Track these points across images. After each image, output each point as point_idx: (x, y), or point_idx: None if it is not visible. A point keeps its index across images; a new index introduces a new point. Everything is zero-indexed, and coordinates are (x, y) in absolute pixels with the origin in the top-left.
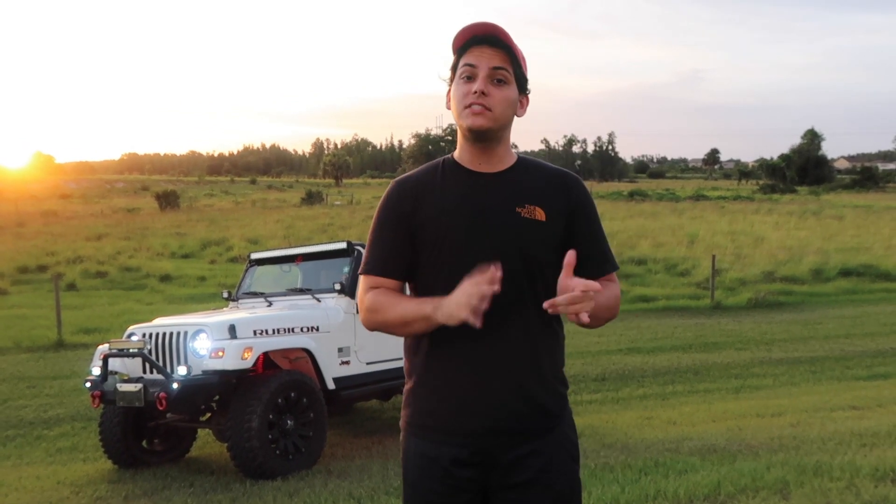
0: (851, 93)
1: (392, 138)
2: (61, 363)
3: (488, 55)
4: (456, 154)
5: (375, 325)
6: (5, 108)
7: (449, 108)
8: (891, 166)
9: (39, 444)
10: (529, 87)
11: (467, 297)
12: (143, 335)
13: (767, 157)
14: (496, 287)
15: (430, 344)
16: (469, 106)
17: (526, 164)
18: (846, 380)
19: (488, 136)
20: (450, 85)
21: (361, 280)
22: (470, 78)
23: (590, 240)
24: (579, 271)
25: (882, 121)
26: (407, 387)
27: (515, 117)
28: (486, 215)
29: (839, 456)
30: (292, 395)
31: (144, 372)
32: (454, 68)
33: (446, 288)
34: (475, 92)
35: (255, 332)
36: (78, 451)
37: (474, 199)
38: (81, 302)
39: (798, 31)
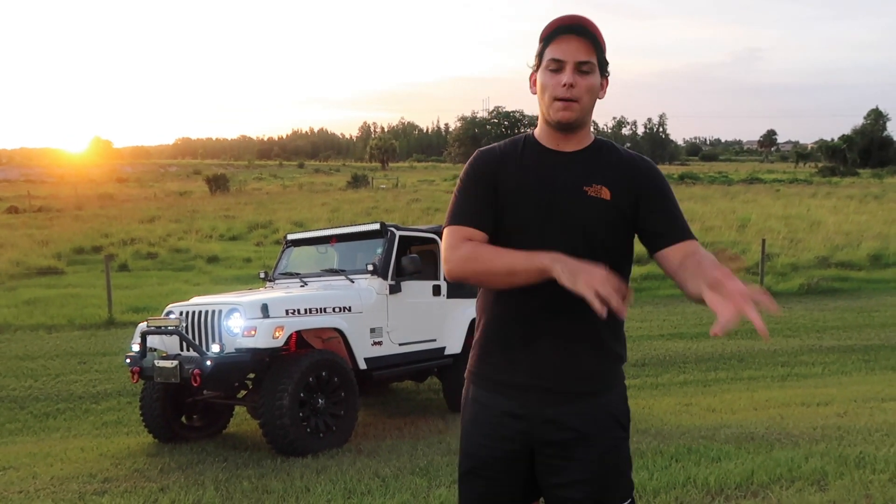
0: None
1: (438, 121)
2: (111, 340)
3: (574, 47)
4: (536, 132)
5: (470, 274)
6: (66, 95)
7: (533, 92)
8: None
9: (87, 418)
10: (609, 69)
11: (600, 280)
12: (180, 313)
13: (828, 138)
14: (615, 303)
15: (498, 303)
16: (557, 99)
17: (601, 145)
18: None
19: (574, 125)
20: (535, 70)
21: (449, 231)
22: (557, 71)
23: (660, 216)
24: (654, 245)
25: None
26: (475, 337)
27: (598, 100)
28: (555, 193)
29: (885, 448)
30: (324, 374)
31: (181, 349)
32: (540, 55)
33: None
34: (564, 85)
35: (287, 312)
36: (122, 425)
37: (547, 177)
38: (132, 282)
39: (861, 5)
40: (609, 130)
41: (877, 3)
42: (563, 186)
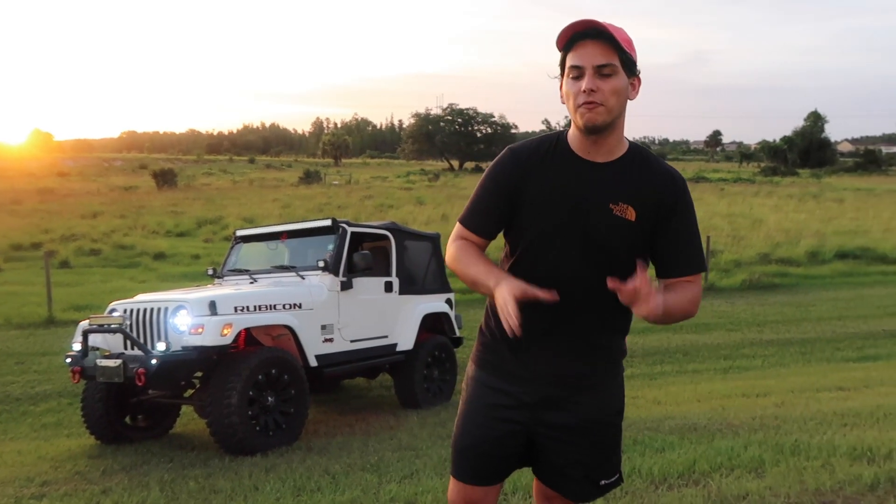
0: (856, 75)
1: (392, 118)
2: (51, 340)
3: (591, 52)
4: (570, 134)
5: (453, 270)
6: (5, 85)
7: (563, 102)
8: (894, 149)
9: (25, 420)
10: (639, 67)
11: (504, 303)
12: (124, 311)
13: (770, 139)
14: (515, 323)
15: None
16: (581, 105)
17: (634, 156)
18: (835, 361)
19: (602, 128)
20: (561, 80)
21: (457, 224)
22: (578, 77)
23: (674, 240)
24: (661, 269)
25: (887, 104)
26: (481, 323)
27: (629, 101)
28: (580, 207)
29: (818, 436)
30: (273, 371)
31: (125, 348)
32: (562, 64)
33: (527, 258)
34: (584, 91)
35: (235, 309)
36: (62, 427)
37: (574, 190)
38: (74, 279)
39: (805, 11)
40: (560, 128)
41: (819, 10)
42: (590, 202)
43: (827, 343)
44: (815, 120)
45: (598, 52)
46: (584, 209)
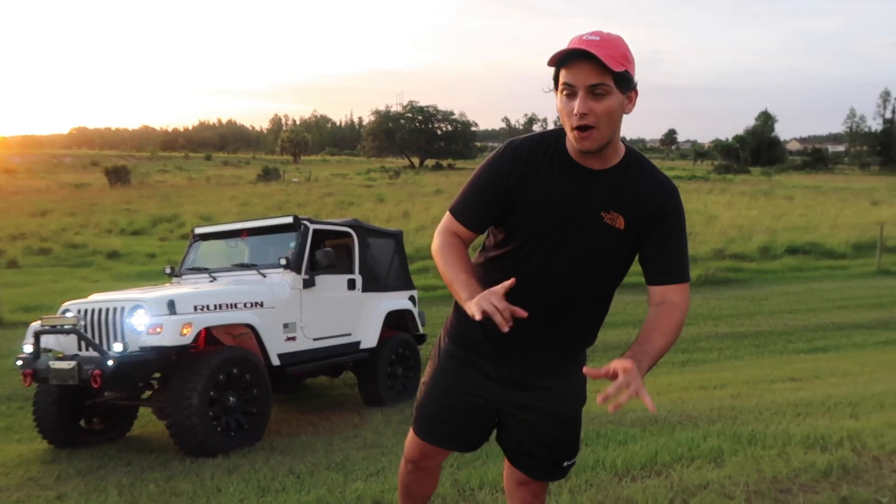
0: (804, 76)
1: (352, 115)
2: None
3: (584, 71)
4: (568, 139)
5: (435, 261)
6: None
7: (558, 116)
8: (840, 148)
9: None
10: (636, 80)
11: (480, 305)
12: (78, 311)
13: (723, 138)
14: (505, 327)
15: (485, 282)
16: (575, 128)
17: (630, 163)
18: (788, 353)
19: (597, 152)
20: (556, 95)
21: (447, 214)
22: (571, 95)
23: (663, 248)
24: (649, 276)
25: (833, 104)
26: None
27: (625, 115)
28: (573, 214)
29: (773, 425)
30: (235, 371)
31: (80, 349)
32: (555, 79)
33: (514, 257)
34: (577, 114)
35: (195, 308)
36: (13, 432)
37: (569, 196)
38: (23, 279)
39: (756, 14)
40: (521, 127)
41: (770, 12)
42: (583, 209)
43: (779, 336)
44: (766, 119)
45: (591, 72)
46: (577, 215)
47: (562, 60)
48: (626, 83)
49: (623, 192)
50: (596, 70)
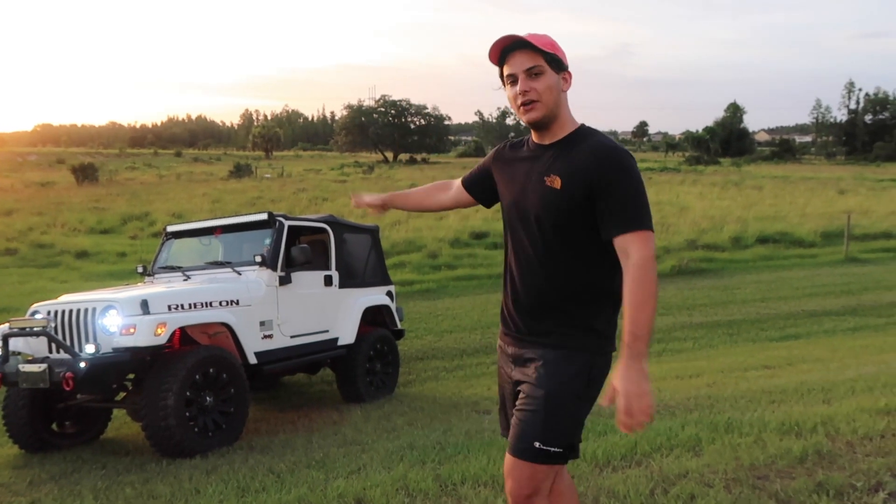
0: (771, 68)
1: (324, 109)
2: None
3: (520, 60)
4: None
5: None
6: None
7: (513, 108)
8: (807, 139)
9: None
10: (566, 63)
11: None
12: (48, 313)
13: (693, 129)
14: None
15: (504, 266)
16: (521, 105)
17: (577, 136)
18: (760, 341)
19: (544, 122)
20: (505, 89)
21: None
22: (514, 83)
23: (605, 203)
24: (602, 233)
25: (799, 95)
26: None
27: (564, 93)
28: (524, 184)
29: (749, 413)
30: (211, 370)
31: (51, 352)
32: (501, 76)
33: (505, 236)
34: (520, 93)
35: (169, 307)
36: None
37: (524, 169)
38: None
39: (724, 6)
40: (493, 121)
41: (738, 5)
42: (532, 178)
43: (752, 324)
44: (735, 111)
45: (525, 58)
46: (528, 182)
47: (502, 56)
48: (557, 63)
49: (564, 158)
50: (529, 55)
